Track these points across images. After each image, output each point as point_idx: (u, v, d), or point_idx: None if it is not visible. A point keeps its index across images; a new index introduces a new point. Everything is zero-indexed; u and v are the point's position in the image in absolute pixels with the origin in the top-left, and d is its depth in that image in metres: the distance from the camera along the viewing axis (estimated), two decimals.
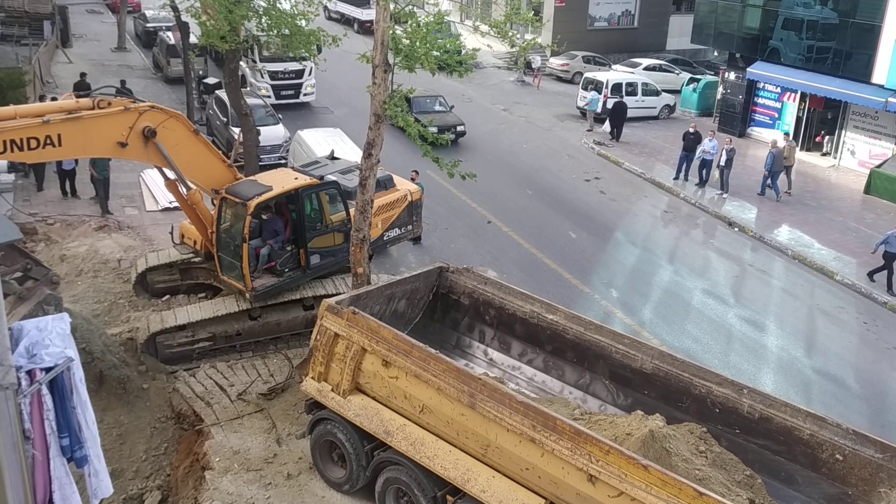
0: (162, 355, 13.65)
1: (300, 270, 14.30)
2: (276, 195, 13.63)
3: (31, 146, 11.23)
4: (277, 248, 14.08)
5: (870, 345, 17.05)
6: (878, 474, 9.27)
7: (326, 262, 14.57)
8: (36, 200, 19.82)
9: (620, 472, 8.09)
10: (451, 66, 12.86)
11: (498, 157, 27.07)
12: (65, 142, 11.56)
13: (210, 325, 13.86)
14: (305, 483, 11.21)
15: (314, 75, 30.13)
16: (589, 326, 11.75)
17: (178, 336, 13.70)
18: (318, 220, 14.44)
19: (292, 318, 14.49)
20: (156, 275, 15.47)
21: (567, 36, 36.20)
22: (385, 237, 15.98)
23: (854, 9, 26.17)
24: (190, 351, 13.81)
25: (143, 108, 12.44)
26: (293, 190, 13.89)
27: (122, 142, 12.24)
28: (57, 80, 30.51)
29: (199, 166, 13.54)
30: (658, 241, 21.72)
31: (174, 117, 12.93)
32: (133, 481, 11.96)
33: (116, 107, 12.17)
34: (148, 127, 12.41)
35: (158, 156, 12.79)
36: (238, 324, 14.08)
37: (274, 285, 13.97)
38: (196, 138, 13.39)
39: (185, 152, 13.15)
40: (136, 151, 12.62)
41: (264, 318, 14.27)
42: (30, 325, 5.86)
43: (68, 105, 11.95)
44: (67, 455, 5.86)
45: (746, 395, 10.28)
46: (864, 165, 27.08)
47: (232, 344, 14.16)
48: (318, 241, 14.36)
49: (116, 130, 12.17)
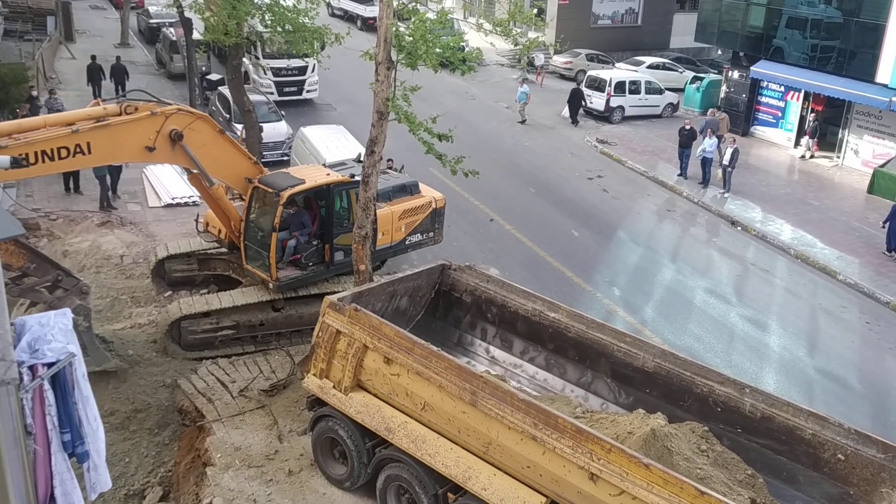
0: (185, 341, 13.83)
1: (324, 266, 14.43)
2: (308, 188, 13.85)
3: (62, 156, 11.24)
4: (304, 242, 14.21)
5: (872, 344, 17.03)
6: (880, 474, 9.26)
7: (349, 260, 14.54)
8: (39, 196, 19.83)
9: (622, 470, 8.08)
10: (454, 64, 12.85)
11: (501, 154, 27.05)
12: (94, 149, 11.52)
13: (234, 314, 14.02)
14: (307, 480, 11.21)
15: (317, 72, 30.13)
16: (591, 325, 11.75)
17: (203, 322, 13.87)
18: (345, 218, 14.50)
19: (314, 311, 14.44)
20: (174, 264, 15.58)
21: (570, 34, 36.20)
22: (407, 241, 16.10)
23: (858, 8, 26.11)
24: (213, 338, 13.97)
25: (169, 111, 12.34)
26: (325, 185, 14.08)
27: (149, 146, 12.17)
28: (60, 75, 30.55)
29: (226, 164, 13.60)
30: (660, 240, 21.70)
31: (201, 118, 12.93)
32: (134, 476, 11.98)
33: (143, 112, 12.10)
34: (175, 130, 12.34)
35: (185, 157, 12.77)
36: (262, 314, 14.23)
37: (297, 278, 14.16)
38: (222, 137, 13.37)
39: (212, 151, 13.17)
40: (164, 154, 12.60)
41: (287, 311, 14.41)
42: (32, 321, 5.86)
43: (96, 112, 11.84)
44: (69, 450, 5.87)
45: (748, 395, 10.27)
46: (867, 165, 27.03)
47: (254, 334, 14.30)
48: (343, 238, 14.42)
49: (144, 135, 12.11)
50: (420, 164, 19.19)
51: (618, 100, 32.19)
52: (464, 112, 31.03)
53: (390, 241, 15.58)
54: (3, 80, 22.99)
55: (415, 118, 12.21)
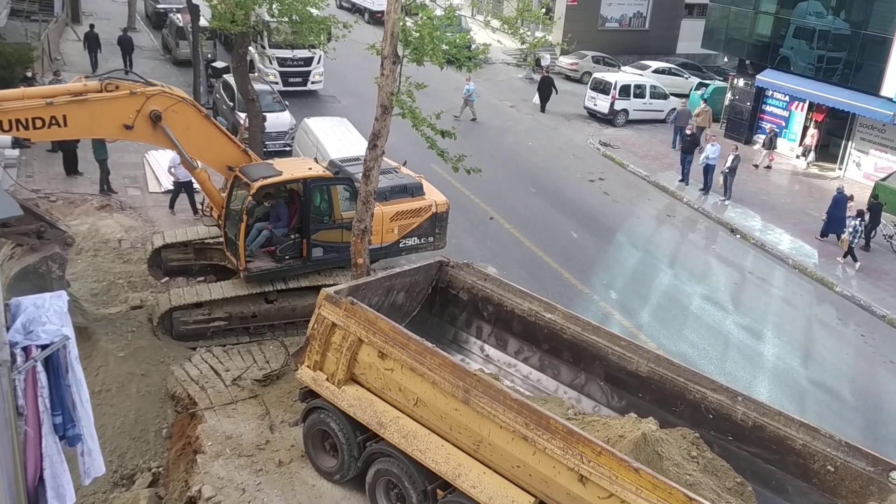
0: (177, 331, 13.79)
1: (300, 260, 14.30)
2: (281, 181, 13.73)
3: (37, 126, 11.69)
4: (280, 235, 14.11)
5: (866, 357, 17.05)
6: (869, 487, 9.27)
7: (330, 257, 14.52)
8: (39, 177, 19.82)
9: (611, 473, 8.09)
10: (461, 61, 12.83)
11: (503, 153, 27.04)
12: (70, 123, 11.95)
13: (227, 305, 13.99)
14: (296, 471, 11.22)
15: (322, 64, 30.10)
16: (586, 327, 11.75)
17: (195, 313, 13.84)
18: (326, 214, 14.39)
19: (308, 303, 14.45)
20: (170, 252, 15.52)
21: (578, 35, 36.15)
22: (402, 244, 15.73)
23: (866, 20, 26.09)
24: (205, 329, 13.94)
25: (150, 91, 12.61)
26: (301, 179, 13.94)
27: (128, 125, 12.47)
28: (66, 57, 30.49)
29: (211, 149, 13.72)
30: (659, 245, 21.71)
31: (183, 101, 13.02)
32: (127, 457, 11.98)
33: (123, 90, 12.43)
34: (155, 111, 12.55)
35: (166, 139, 12.96)
36: (254, 306, 14.19)
37: (270, 270, 14.03)
38: (207, 122, 13.52)
39: (196, 135, 13.31)
40: (144, 134, 12.86)
41: (280, 303, 14.37)
42: (27, 302, 5.86)
43: (76, 88, 12.27)
44: (60, 433, 5.86)
45: (740, 403, 10.27)
46: (869, 178, 27.04)
47: (246, 325, 14.27)
48: (323, 234, 14.31)
49: (123, 113, 12.44)
50: (422, 159, 19.18)
51: (622, 103, 32.17)
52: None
53: (380, 242, 15.15)
54: (9, 60, 22.96)
55: (419, 113, 12.20)
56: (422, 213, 15.79)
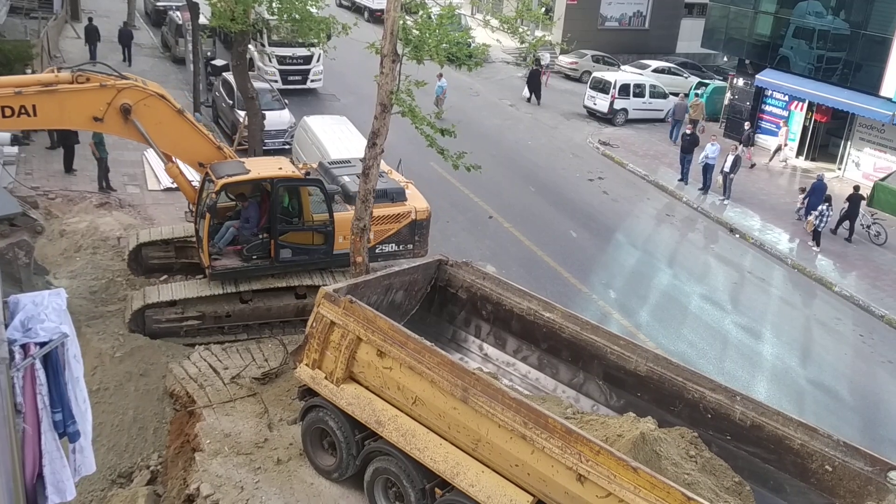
0: (149, 329, 13.67)
1: (268, 261, 14.11)
2: (246, 179, 13.60)
3: (6, 114, 11.95)
4: (248, 234, 13.96)
5: (865, 357, 17.06)
6: (867, 487, 9.28)
7: (299, 259, 14.31)
8: (38, 175, 19.80)
9: (609, 472, 8.09)
10: (460, 60, 12.82)
11: (502, 152, 27.03)
12: (40, 112, 12.19)
13: (200, 304, 13.89)
14: (295, 469, 11.22)
15: (322, 62, 30.08)
16: (585, 326, 11.75)
17: (168, 312, 13.74)
18: (295, 215, 14.16)
19: (283, 304, 14.46)
20: (151, 250, 15.43)
21: (577, 34, 36.14)
22: (378, 250, 15.20)
23: (866, 20, 26.10)
24: (178, 328, 13.84)
25: (121, 85, 12.79)
26: (268, 178, 13.76)
27: (98, 117, 12.69)
28: (65, 54, 30.43)
29: (184, 145, 13.83)
30: (658, 245, 21.71)
31: (154, 96, 13.13)
32: (125, 455, 11.97)
33: (93, 83, 12.63)
34: (126, 104, 12.72)
35: (137, 132, 13.13)
36: (228, 305, 14.08)
37: (236, 269, 13.91)
38: (180, 118, 13.59)
39: (169, 130, 13.45)
40: (115, 127, 13.11)
41: (255, 303, 14.24)
42: (26, 299, 5.85)
43: (47, 78, 12.51)
44: (60, 430, 5.86)
45: (739, 402, 10.28)
46: (868, 177, 27.05)
47: (220, 325, 14.17)
48: (292, 236, 14.11)
49: (93, 105, 12.65)
50: (421, 158, 19.20)
51: (622, 102, 32.17)
52: (467, 108, 31.01)
53: None
54: (8, 57, 22.90)
55: (418, 112, 12.19)
56: (400, 220, 15.24)
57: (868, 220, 23.05)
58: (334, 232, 14.24)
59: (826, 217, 21.63)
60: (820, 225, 21.65)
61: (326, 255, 14.40)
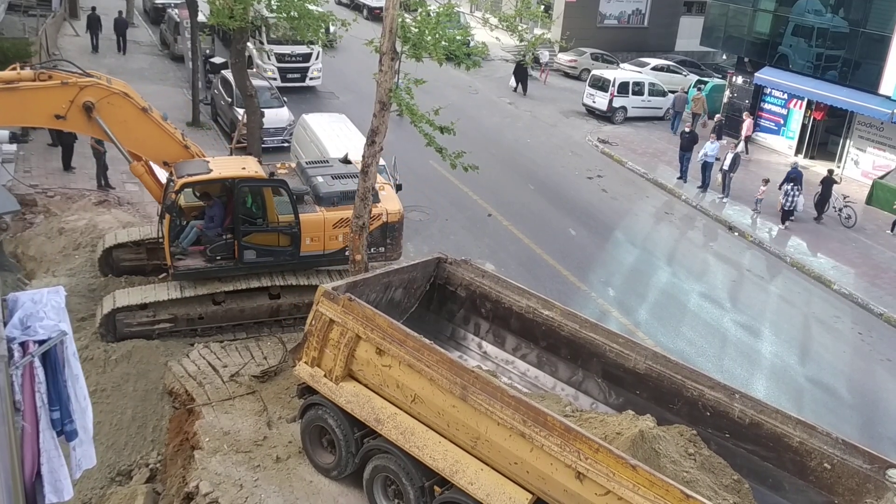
0: (120, 333, 13.46)
1: (232, 262, 13.94)
2: (207, 179, 13.49)
3: None
4: (212, 235, 13.83)
5: (863, 355, 17.08)
6: (866, 485, 9.30)
7: (263, 261, 14.10)
8: (37, 172, 19.78)
9: (608, 470, 8.10)
10: (459, 58, 12.81)
11: (501, 150, 27.03)
12: (0, 110, 12.27)
13: (172, 307, 13.71)
14: (294, 467, 11.22)
15: (321, 60, 30.06)
16: (584, 324, 11.76)
17: (139, 315, 13.55)
18: (259, 216, 13.97)
19: (257, 305, 14.31)
20: (122, 252, 15.22)
21: (576, 32, 36.07)
22: (347, 252, 14.74)
23: (865, 18, 26.11)
24: (150, 331, 13.65)
25: (83, 83, 12.83)
26: (229, 178, 13.62)
27: (60, 114, 12.74)
28: (63, 52, 30.38)
29: (149, 143, 13.80)
30: (657, 243, 21.72)
31: (118, 94, 13.13)
32: (125, 453, 11.98)
33: (55, 80, 12.67)
34: (88, 102, 12.74)
35: (101, 131, 13.15)
36: (201, 307, 13.92)
37: (199, 269, 13.75)
38: (145, 116, 13.56)
39: (133, 129, 13.45)
40: (78, 124, 13.20)
41: (227, 304, 14.08)
42: (25, 297, 5.85)
43: (8, 76, 12.58)
44: (58, 428, 5.86)
45: (738, 400, 10.29)
46: (867, 176, 27.07)
47: (193, 328, 13.99)
48: (256, 237, 13.92)
49: (55, 103, 12.70)
50: (420, 156, 19.19)
51: (621, 100, 32.17)
52: (466, 106, 30.99)
53: (322, 249, 14.45)
54: (6, 55, 22.87)
55: (417, 110, 12.18)
56: (371, 221, 14.80)
57: (840, 203, 23.82)
58: (300, 233, 14.01)
59: (792, 197, 22.72)
60: (786, 204, 22.84)
61: (293, 256, 14.16)
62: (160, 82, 29.02)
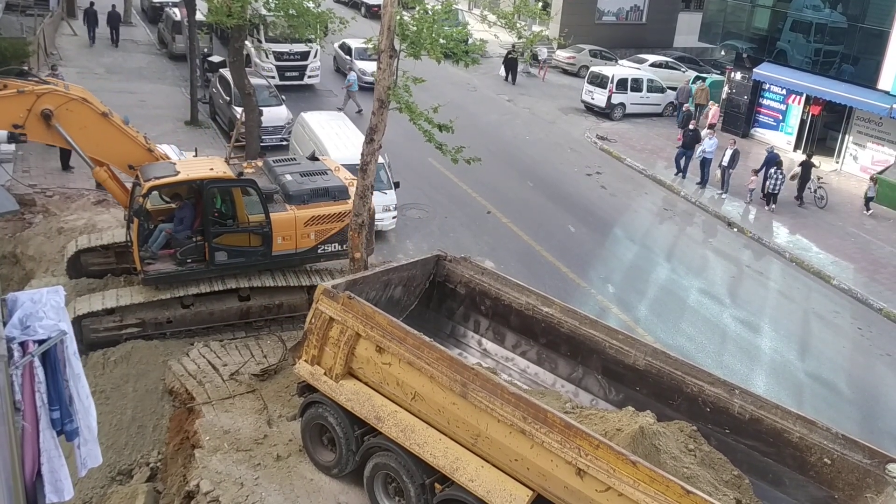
0: (87, 339, 13.18)
1: (203, 264, 13.78)
2: (175, 181, 13.34)
3: None
4: (182, 238, 13.69)
5: (863, 350, 17.09)
6: (866, 479, 9.30)
7: (235, 262, 13.98)
8: (36, 172, 19.77)
9: (609, 466, 8.11)
10: (458, 55, 12.81)
11: (500, 147, 27.01)
12: None
13: (140, 311, 13.54)
14: (294, 465, 11.23)
15: (319, 58, 30.03)
16: (584, 321, 11.75)
17: (106, 320, 13.34)
18: (229, 217, 13.84)
19: (226, 308, 14.18)
20: (90, 257, 15.02)
21: (574, 29, 36.17)
22: (320, 250, 14.74)
23: (863, 13, 26.10)
24: (117, 336, 13.45)
25: (40, 90, 12.67)
26: (197, 180, 13.45)
27: (17, 124, 12.52)
28: (61, 51, 30.38)
29: (111, 148, 13.64)
30: (656, 239, 21.73)
31: (77, 100, 13.01)
32: (125, 452, 11.99)
33: (10, 89, 12.51)
34: (47, 109, 12.59)
35: (62, 138, 13.00)
36: (169, 311, 13.77)
37: (170, 273, 13.59)
38: (106, 121, 13.42)
39: (94, 134, 13.28)
40: (38, 132, 12.92)
41: (196, 307, 13.95)
42: (24, 297, 5.85)
43: None
44: (58, 428, 5.86)
45: (738, 396, 10.29)
46: (865, 171, 27.07)
47: (162, 332, 13.81)
48: (227, 238, 13.78)
49: (12, 112, 12.52)
50: (419, 152, 19.19)
51: (619, 97, 32.17)
52: (465, 103, 30.98)
53: (294, 247, 14.33)
54: (4, 55, 22.87)
55: (415, 107, 12.17)
56: (342, 218, 14.60)
57: (815, 184, 24.82)
58: (272, 233, 13.88)
59: (776, 180, 23.61)
60: (772, 187, 23.73)
61: (265, 256, 14.04)
62: (158, 81, 29.02)
